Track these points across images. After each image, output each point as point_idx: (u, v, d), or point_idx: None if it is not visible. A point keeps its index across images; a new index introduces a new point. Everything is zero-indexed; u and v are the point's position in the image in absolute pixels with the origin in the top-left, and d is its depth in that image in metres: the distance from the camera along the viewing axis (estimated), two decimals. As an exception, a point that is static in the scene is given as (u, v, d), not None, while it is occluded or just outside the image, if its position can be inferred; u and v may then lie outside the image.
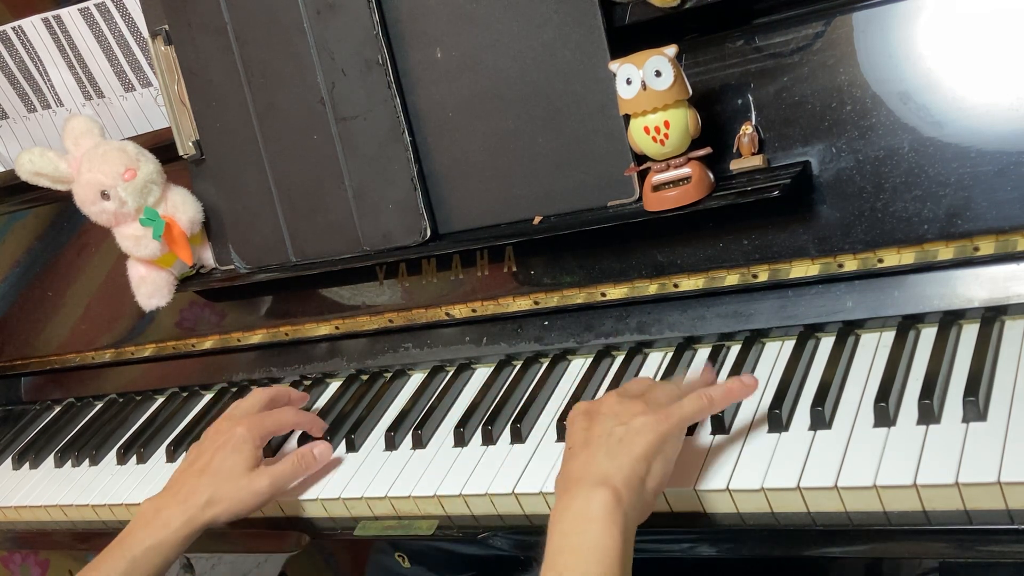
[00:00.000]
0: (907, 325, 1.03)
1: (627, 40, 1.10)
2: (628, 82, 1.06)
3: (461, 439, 1.17)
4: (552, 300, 1.22)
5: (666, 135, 1.06)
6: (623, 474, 0.88)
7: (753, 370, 1.08)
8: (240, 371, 1.49)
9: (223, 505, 1.13)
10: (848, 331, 1.06)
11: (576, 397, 1.14)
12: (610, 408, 0.95)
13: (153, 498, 1.16)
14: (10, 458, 1.56)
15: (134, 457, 1.42)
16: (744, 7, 1.10)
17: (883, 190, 1.03)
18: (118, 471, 1.41)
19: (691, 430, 1.03)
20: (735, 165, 1.09)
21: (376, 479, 1.17)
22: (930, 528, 0.86)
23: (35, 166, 1.38)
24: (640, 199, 1.12)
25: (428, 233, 1.25)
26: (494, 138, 1.20)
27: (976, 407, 0.89)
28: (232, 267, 1.41)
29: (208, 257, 1.44)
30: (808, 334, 1.08)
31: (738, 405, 1.03)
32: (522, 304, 1.24)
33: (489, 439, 1.15)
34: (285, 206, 1.34)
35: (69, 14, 1.45)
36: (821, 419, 0.96)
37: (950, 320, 1.01)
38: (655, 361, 1.16)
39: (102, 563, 1.11)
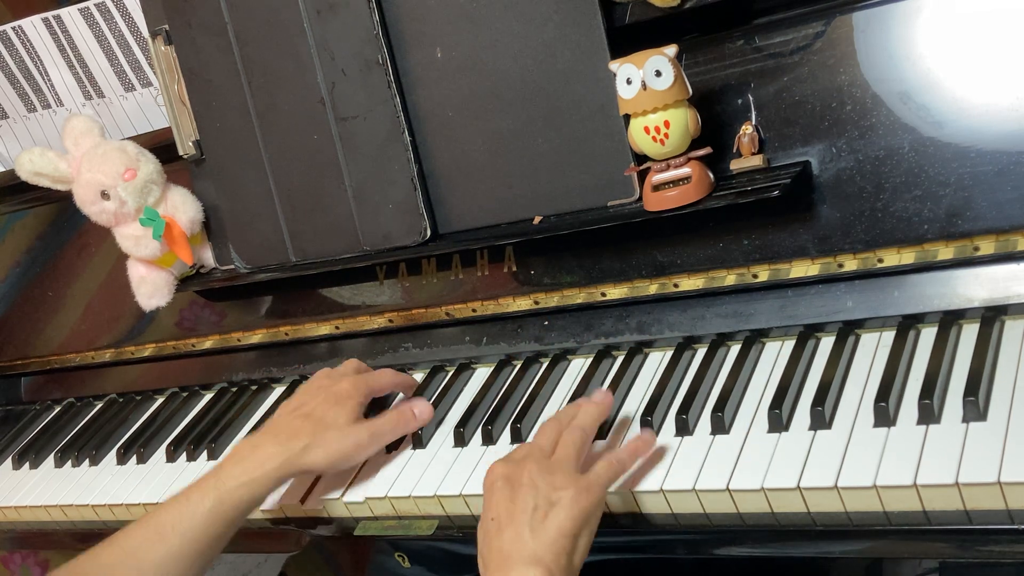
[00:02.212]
0: (907, 325, 1.03)
1: (627, 40, 1.10)
2: (628, 82, 1.06)
3: (461, 439, 1.17)
4: (552, 300, 1.22)
5: (666, 135, 1.06)
6: (552, 552, 0.90)
7: (753, 369, 1.08)
8: (240, 371, 1.49)
9: (323, 452, 1.12)
10: (848, 331, 1.06)
11: (577, 397, 1.14)
12: (531, 479, 0.95)
13: (250, 437, 1.15)
14: (10, 458, 1.56)
15: (134, 457, 1.42)
16: (744, 7, 1.10)
17: (883, 190, 1.03)
18: (118, 471, 1.41)
19: (688, 430, 1.03)
20: (735, 165, 1.09)
21: (376, 479, 1.17)
22: (930, 528, 0.86)
23: (35, 166, 1.38)
24: (640, 199, 1.12)
25: (428, 233, 1.25)
26: (494, 138, 1.20)
27: (976, 407, 0.89)
28: (232, 267, 1.41)
29: (208, 257, 1.44)
30: (808, 334, 1.08)
31: (738, 404, 1.04)
32: (522, 304, 1.24)
33: (489, 439, 1.15)
34: (285, 206, 1.34)
35: (69, 14, 1.45)
36: (821, 419, 0.96)
37: (950, 320, 1.01)
38: (655, 361, 1.16)
39: (191, 493, 1.09)
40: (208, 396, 1.50)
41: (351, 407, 1.15)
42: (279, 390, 1.44)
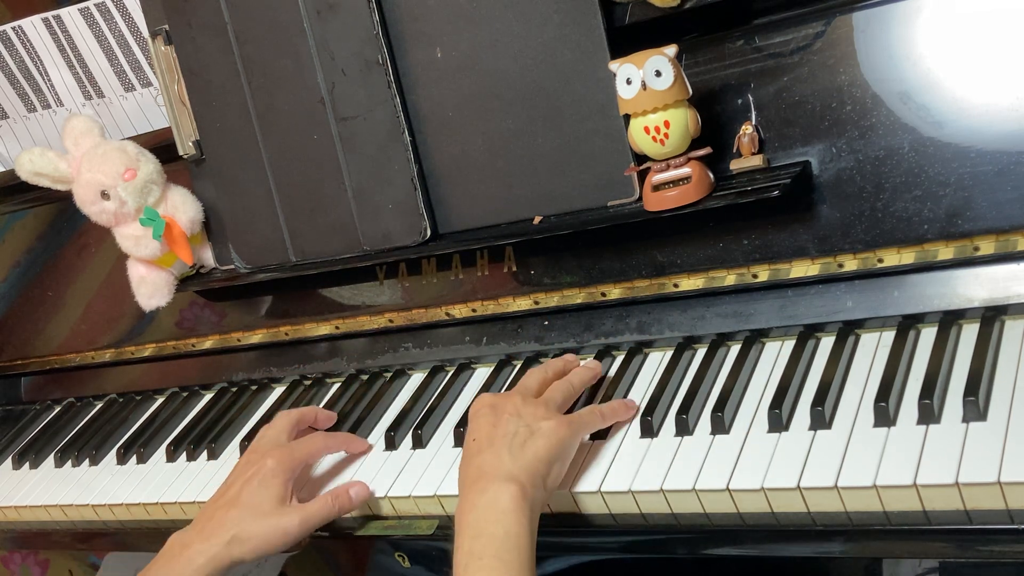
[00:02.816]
0: (907, 325, 1.03)
1: (627, 40, 1.10)
2: (628, 82, 1.06)
3: (461, 439, 1.16)
4: (552, 300, 1.22)
5: (666, 135, 1.06)
6: (527, 473, 0.97)
7: (753, 369, 1.08)
8: (240, 371, 1.49)
9: (250, 544, 1.08)
10: (848, 331, 1.06)
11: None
12: (515, 408, 1.03)
13: (180, 532, 1.12)
14: (10, 458, 1.56)
15: (134, 457, 1.42)
16: (744, 7, 1.10)
17: (883, 190, 1.03)
18: (118, 471, 1.41)
19: (688, 430, 1.03)
20: (735, 165, 1.09)
21: (376, 479, 1.16)
22: (930, 528, 0.86)
23: (35, 166, 1.38)
24: (640, 199, 1.12)
25: (428, 233, 1.25)
26: (494, 138, 1.20)
27: (976, 407, 0.89)
28: (232, 267, 1.41)
29: (208, 257, 1.44)
30: (808, 334, 1.08)
31: (738, 404, 1.04)
32: (522, 304, 1.24)
33: (489, 439, 1.15)
34: (285, 206, 1.34)
35: (69, 14, 1.45)
36: (821, 419, 0.96)
37: (950, 320, 1.01)
38: (655, 361, 1.16)
39: None
40: (208, 396, 1.50)
41: (277, 487, 1.11)
42: (279, 390, 1.44)
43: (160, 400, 1.55)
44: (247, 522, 1.09)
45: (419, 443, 1.19)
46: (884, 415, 0.93)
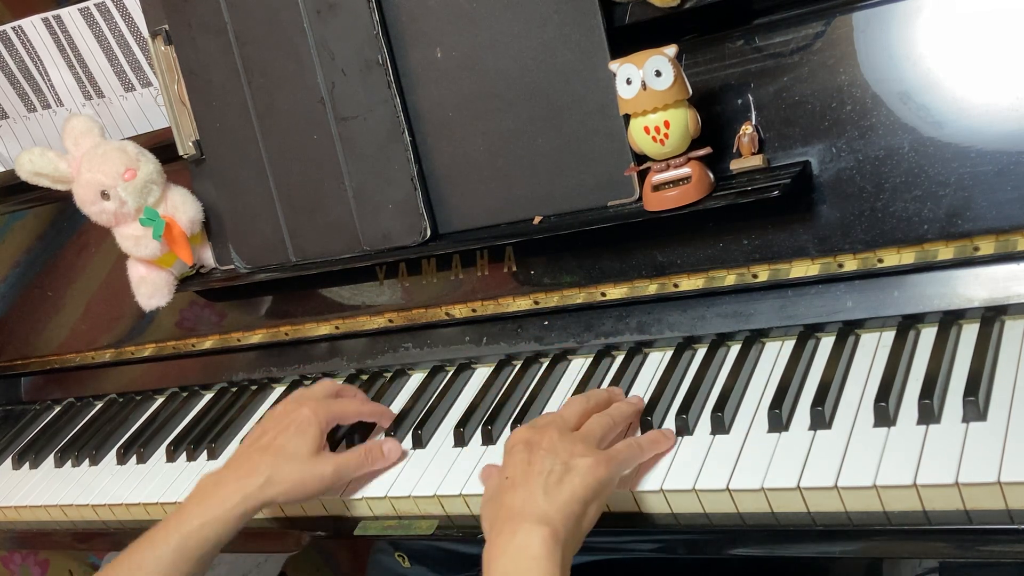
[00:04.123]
0: (907, 325, 1.03)
1: (627, 40, 1.10)
2: (628, 82, 1.06)
3: (461, 439, 1.17)
4: (552, 300, 1.22)
5: (666, 135, 1.06)
6: (562, 514, 0.91)
7: (753, 369, 1.08)
8: (240, 371, 1.49)
9: (283, 486, 1.10)
10: (848, 331, 1.06)
11: (576, 397, 1.14)
12: (551, 444, 0.97)
13: (213, 473, 1.13)
14: (10, 458, 1.56)
15: (134, 457, 1.42)
16: (744, 7, 1.10)
17: (883, 190, 1.03)
18: (118, 471, 1.41)
19: (688, 430, 1.03)
20: (735, 165, 1.09)
21: (376, 479, 1.17)
22: (930, 528, 0.86)
23: (35, 166, 1.38)
24: (640, 199, 1.12)
25: (428, 233, 1.25)
26: (494, 138, 1.20)
27: (976, 407, 0.89)
28: (232, 267, 1.41)
29: (208, 257, 1.44)
30: (808, 334, 1.08)
31: (738, 404, 1.04)
32: (522, 304, 1.24)
33: (489, 439, 1.15)
34: (285, 206, 1.34)
35: (69, 14, 1.45)
36: (821, 419, 0.96)
37: (950, 320, 1.01)
38: (655, 361, 1.16)
39: (155, 535, 1.09)
40: (208, 396, 1.50)
41: (312, 435, 1.13)
42: (279, 390, 1.44)
43: (160, 400, 1.55)
44: (282, 466, 1.11)
45: (419, 443, 1.19)
46: (884, 415, 0.93)
